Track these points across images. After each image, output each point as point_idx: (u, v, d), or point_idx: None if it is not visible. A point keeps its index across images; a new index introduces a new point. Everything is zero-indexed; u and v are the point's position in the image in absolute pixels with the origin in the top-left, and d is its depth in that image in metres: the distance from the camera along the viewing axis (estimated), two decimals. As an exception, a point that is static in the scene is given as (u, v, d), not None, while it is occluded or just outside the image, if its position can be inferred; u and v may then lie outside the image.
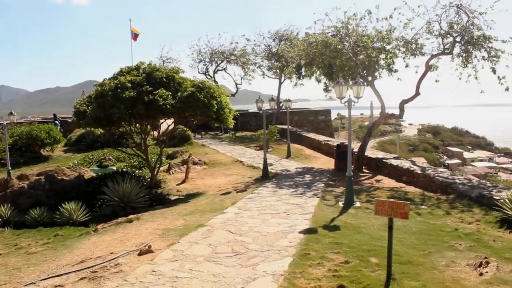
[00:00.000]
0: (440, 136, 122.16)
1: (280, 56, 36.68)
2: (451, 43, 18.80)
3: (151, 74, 17.32)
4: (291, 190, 15.72)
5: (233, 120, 18.97)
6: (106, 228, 12.16)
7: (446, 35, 18.76)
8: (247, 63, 43.29)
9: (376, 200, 7.26)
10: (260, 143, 29.52)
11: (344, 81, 14.09)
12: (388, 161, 20.24)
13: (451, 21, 18.46)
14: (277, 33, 40.87)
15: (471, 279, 7.25)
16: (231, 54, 43.41)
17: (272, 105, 26.84)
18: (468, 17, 18.08)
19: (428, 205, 13.58)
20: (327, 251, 8.40)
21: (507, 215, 11.24)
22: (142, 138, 19.01)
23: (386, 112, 21.25)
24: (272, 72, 42.49)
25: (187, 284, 6.93)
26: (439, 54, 19.33)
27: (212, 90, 17.51)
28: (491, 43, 17.77)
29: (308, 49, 20.54)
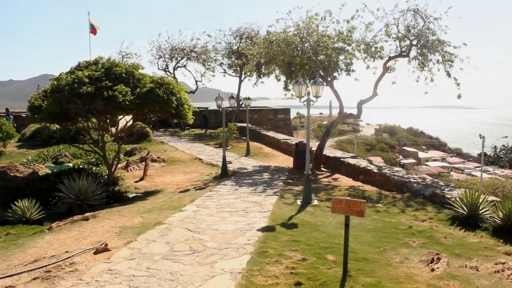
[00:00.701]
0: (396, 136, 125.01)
1: (241, 54, 36.68)
2: (407, 46, 19.29)
3: (110, 69, 17.01)
4: (250, 188, 15.76)
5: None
6: (61, 226, 11.87)
7: (403, 38, 19.22)
8: (208, 60, 43.08)
9: (333, 198, 7.37)
10: (219, 141, 29.45)
11: (303, 80, 14.22)
12: (346, 160, 20.57)
13: (408, 25, 18.92)
14: (238, 31, 40.81)
15: (424, 275, 7.48)
16: (191, 51, 43.09)
17: (232, 103, 26.81)
18: (424, 21, 18.60)
19: (384, 203, 13.89)
20: (285, 248, 8.48)
21: (458, 213, 11.63)
22: (99, 134, 18.66)
23: (344, 112, 21.58)
24: (233, 70, 42.43)
25: (144, 282, 6.86)
26: (396, 57, 19.79)
27: (172, 86, 17.36)
28: (445, 47, 18.35)
29: (269, 48, 20.61)
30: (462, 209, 11.59)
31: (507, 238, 10.19)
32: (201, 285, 6.77)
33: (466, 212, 11.46)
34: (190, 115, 18.48)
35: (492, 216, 11.12)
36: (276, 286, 6.73)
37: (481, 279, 7.36)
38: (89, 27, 40.94)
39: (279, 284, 6.79)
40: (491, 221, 11.03)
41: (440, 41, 18.38)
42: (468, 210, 11.46)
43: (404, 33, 19.07)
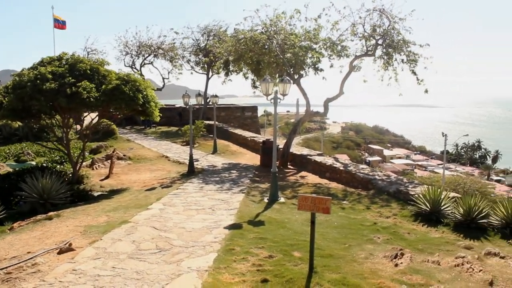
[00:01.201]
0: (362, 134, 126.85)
1: (208, 51, 36.54)
2: (373, 46, 19.60)
3: (74, 65, 16.71)
4: (217, 185, 15.75)
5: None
6: (23, 226, 11.59)
7: (369, 37, 19.52)
8: (175, 57, 42.76)
9: (299, 195, 7.44)
10: (186, 138, 29.28)
11: (271, 78, 14.28)
12: (312, 157, 20.74)
13: (374, 25, 19.23)
14: (206, 28, 40.62)
15: (388, 270, 7.64)
16: (158, 48, 42.69)
17: (199, 101, 26.66)
18: (390, 21, 18.93)
19: (349, 200, 14.08)
20: (251, 246, 8.52)
21: (421, 209, 11.91)
22: (64, 132, 18.31)
23: (311, 110, 21.76)
24: (200, 67, 42.24)
25: (110, 282, 6.78)
26: (362, 56, 20.08)
27: (138, 83, 17.17)
28: (409, 47, 18.75)
29: (236, 45, 20.60)
30: (425, 205, 11.86)
31: (467, 233, 10.51)
32: (168, 283, 6.74)
33: (429, 208, 11.74)
34: (157, 112, 18.32)
35: (453, 212, 11.43)
36: (243, 283, 6.75)
37: (442, 273, 7.57)
38: (53, 22, 39.99)
39: (245, 281, 6.82)
40: (452, 217, 11.33)
41: (405, 41, 18.76)
42: (430, 206, 11.74)
43: (370, 32, 19.37)
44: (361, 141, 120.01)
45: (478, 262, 7.98)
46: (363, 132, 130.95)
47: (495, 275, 7.52)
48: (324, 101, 21.43)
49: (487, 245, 9.59)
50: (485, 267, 7.85)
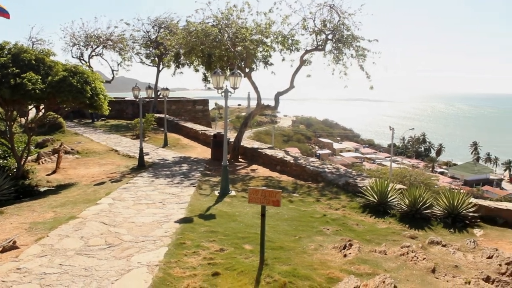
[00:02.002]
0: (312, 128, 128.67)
1: (159, 44, 36.00)
2: (323, 40, 19.89)
3: (18, 55, 16.06)
4: (167, 179, 15.61)
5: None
6: (-36, 223, 11.14)
7: (319, 32, 19.78)
8: (125, 49, 41.85)
9: (250, 188, 7.49)
10: (136, 132, 28.84)
11: (222, 72, 14.26)
12: (263, 151, 20.86)
13: (324, 20, 19.51)
14: (156, 20, 39.93)
15: (337, 261, 7.82)
16: (108, 39, 41.61)
17: (149, 93, 26.29)
18: (340, 17, 19.27)
19: (299, 193, 14.27)
20: (202, 239, 8.52)
21: (369, 201, 12.24)
22: (7, 125, 17.60)
23: (262, 103, 21.85)
24: (151, 59, 41.56)
25: (57, 280, 6.62)
26: (312, 50, 20.34)
27: (86, 75, 16.71)
28: (358, 42, 19.16)
29: (187, 38, 20.39)
30: (373, 197, 12.20)
31: (412, 223, 10.90)
32: (117, 279, 6.65)
33: (376, 200, 12.08)
34: (106, 105, 17.91)
35: (400, 203, 11.82)
36: (194, 277, 6.75)
37: (388, 262, 7.82)
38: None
39: (197, 275, 6.82)
40: (398, 208, 11.71)
41: (354, 36, 19.16)
42: (378, 198, 12.08)
43: (320, 27, 19.63)
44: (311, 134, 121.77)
45: (422, 251, 8.29)
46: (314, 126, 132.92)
47: (437, 262, 7.85)
48: (275, 94, 21.58)
49: (431, 234, 9.98)
50: (428, 255, 8.17)
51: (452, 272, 7.54)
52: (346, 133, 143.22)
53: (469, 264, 8.06)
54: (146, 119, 28.59)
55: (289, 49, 20.10)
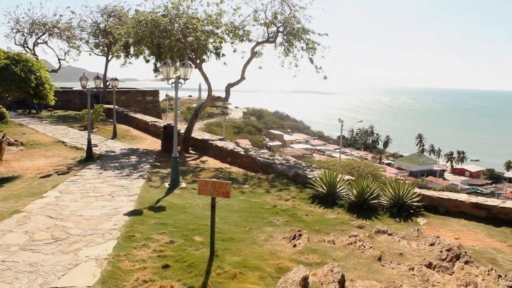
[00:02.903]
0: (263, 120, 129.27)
1: (108, 33, 35.12)
2: (274, 32, 20.03)
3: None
4: (116, 171, 15.34)
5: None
6: None
7: (270, 24, 19.90)
8: (72, 37, 40.54)
9: (199, 180, 7.47)
10: (84, 123, 28.13)
11: (172, 62, 14.09)
12: (214, 142, 20.84)
13: (276, 12, 19.65)
14: (106, 8, 38.91)
15: (286, 251, 7.94)
16: (54, 27, 40.14)
17: (97, 84, 25.65)
18: (291, 10, 19.46)
19: (250, 184, 14.36)
20: (152, 232, 8.44)
21: (318, 191, 12.47)
22: None
23: (213, 95, 21.79)
24: (100, 49, 40.48)
25: (-1, 276, 6.41)
26: (263, 42, 20.43)
27: (31, 64, 16.15)
28: (309, 35, 19.39)
29: (137, 27, 19.99)
30: (322, 188, 12.43)
31: (360, 213, 11.21)
32: (64, 274, 6.51)
33: (326, 191, 12.32)
34: (52, 95, 17.37)
35: (348, 194, 12.11)
36: (143, 270, 6.69)
37: (337, 251, 8.01)
38: None
39: (146, 268, 6.76)
40: (346, 198, 12.00)
41: (305, 29, 19.39)
42: (327, 189, 12.33)
43: (272, 19, 19.74)
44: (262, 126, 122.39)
45: (369, 240, 8.53)
46: (265, 118, 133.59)
47: (383, 250, 8.10)
48: (226, 86, 21.57)
49: (377, 224, 10.29)
50: (375, 244, 8.42)
51: (397, 260, 7.81)
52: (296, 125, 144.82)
53: (413, 251, 8.36)
54: (95, 110, 27.92)
55: (240, 40, 20.11)
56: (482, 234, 10.24)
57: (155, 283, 6.26)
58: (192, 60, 19.34)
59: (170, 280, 6.38)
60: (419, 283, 6.88)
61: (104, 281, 6.33)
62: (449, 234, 10.15)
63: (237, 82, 21.32)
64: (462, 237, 9.97)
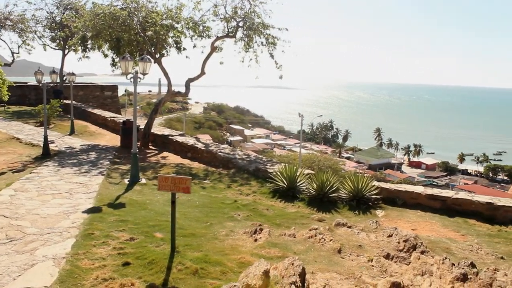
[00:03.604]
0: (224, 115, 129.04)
1: (64, 26, 34.21)
2: (234, 27, 19.97)
3: None
4: (74, 168, 15.03)
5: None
6: None
7: (230, 19, 19.83)
8: (26, 30, 39.28)
9: (159, 176, 7.42)
10: (40, 118, 27.37)
11: (130, 57, 13.89)
12: (174, 138, 20.68)
13: (236, 7, 19.59)
14: (62, 0, 37.88)
15: (247, 245, 7.99)
16: (6, 19, 38.83)
17: (53, 78, 24.99)
18: (251, 4, 19.44)
19: (211, 179, 14.34)
20: (112, 229, 8.33)
21: (278, 186, 12.57)
22: None
23: (173, 90, 21.60)
24: (56, 43, 39.38)
25: (-49, 277, 6.20)
26: (223, 37, 20.35)
27: (-18, 59, 15.62)
28: (269, 30, 19.44)
29: (95, 21, 19.56)
30: (282, 182, 12.54)
31: (320, 206, 11.38)
32: (20, 275, 6.35)
33: (286, 185, 12.44)
34: (5, 90, 16.87)
35: (308, 187, 12.27)
36: (103, 268, 6.60)
37: (297, 245, 8.11)
38: None
39: (106, 266, 6.67)
40: (307, 192, 12.15)
41: (265, 24, 19.41)
42: (287, 183, 12.44)
43: (232, 14, 19.68)
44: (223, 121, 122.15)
45: (329, 233, 8.68)
46: (225, 113, 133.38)
47: (343, 243, 8.26)
48: (186, 81, 21.42)
49: (337, 217, 10.48)
50: (335, 236, 8.58)
51: (356, 252, 7.98)
52: (257, 120, 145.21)
53: (372, 243, 8.56)
54: (51, 105, 27.21)
55: (200, 35, 19.99)
56: (437, 225, 10.57)
57: (115, 281, 6.18)
58: (152, 55, 19.11)
59: (131, 277, 6.32)
60: (378, 274, 7.05)
61: (62, 280, 6.21)
62: (406, 225, 10.43)
63: (197, 77, 21.20)
64: (419, 228, 10.27)
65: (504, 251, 9.01)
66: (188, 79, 21.36)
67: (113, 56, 22.25)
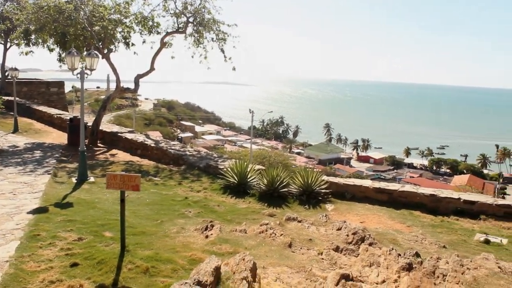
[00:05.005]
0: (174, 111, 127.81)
1: (6, 18, 32.91)
2: (184, 23, 19.82)
3: None
4: (18, 167, 14.51)
5: None
6: None
7: (180, 14, 19.66)
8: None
9: (107, 174, 7.29)
10: (-20, 116, 26.30)
11: (77, 52, 13.53)
12: (123, 135, 20.35)
13: (186, 2, 19.43)
14: (2, -8, 36.39)
15: (199, 242, 7.98)
16: None
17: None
18: (201, 0, 19.30)
19: (161, 176, 14.21)
20: (59, 230, 8.11)
21: (229, 182, 12.62)
22: None
23: (121, 86, 21.21)
24: (-3, 37, 37.82)
25: None
26: (173, 32, 20.16)
27: None
28: (219, 26, 19.40)
29: (38, 14, 18.89)
30: (233, 178, 12.59)
31: (271, 201, 11.52)
32: (-43, 281, 6.09)
33: (237, 181, 12.49)
34: None
35: (259, 183, 12.38)
36: (50, 270, 6.42)
37: (249, 240, 8.17)
38: None
39: (53, 267, 6.50)
40: (257, 188, 12.27)
41: (215, 20, 19.36)
42: (238, 179, 12.50)
43: (182, 9, 19.52)
44: (173, 117, 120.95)
45: (280, 227, 8.79)
46: (175, 109, 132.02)
47: (294, 237, 8.39)
48: (135, 77, 21.08)
49: (288, 211, 10.62)
50: (286, 231, 8.69)
51: (306, 245, 8.12)
52: (208, 116, 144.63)
53: (322, 236, 8.73)
54: (-8, 102, 26.17)
55: (150, 31, 19.73)
56: (385, 217, 10.91)
57: (63, 283, 6.03)
58: (99, 50, 18.66)
59: (79, 278, 6.18)
60: (328, 266, 7.20)
61: (6, 285, 5.98)
62: (355, 218, 10.69)
63: (147, 73, 20.90)
64: (367, 221, 10.55)
65: (446, 240, 9.42)
66: (137, 75, 21.04)
67: (59, 51, 21.61)
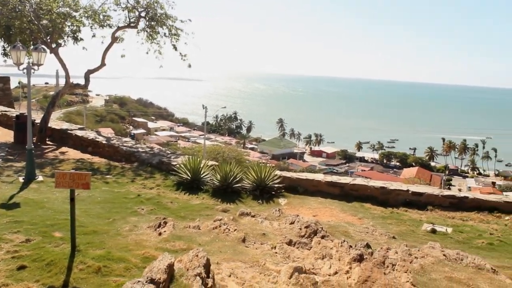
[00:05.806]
0: (126, 107, 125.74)
1: None
2: (136, 18, 19.49)
3: None
4: (-40, 168, 13.94)
5: None
6: None
7: (132, 9, 19.32)
8: None
9: (56, 172, 7.11)
10: None
11: (23, 46, 13.10)
12: (73, 132, 19.84)
13: (138, -4, 19.11)
14: None
15: (152, 240, 7.91)
16: None
17: None
18: (153, -6, 19.05)
19: (113, 174, 13.98)
20: (5, 231, 7.83)
21: (182, 178, 12.57)
22: None
23: (71, 82, 20.69)
24: None
25: None
26: (125, 27, 19.80)
27: None
28: (172, 22, 19.20)
29: (-19, 6, 18.19)
30: (186, 174, 12.55)
31: (224, 197, 11.57)
32: None
33: (190, 177, 12.46)
34: None
35: (212, 179, 12.40)
36: (-6, 274, 6.19)
37: (202, 236, 8.17)
38: None
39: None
40: (211, 184, 12.29)
41: (168, 15, 19.14)
42: (191, 175, 12.46)
43: (133, 4, 19.20)
44: (125, 114, 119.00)
45: (233, 223, 8.82)
46: (127, 105, 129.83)
47: (247, 232, 8.44)
48: (85, 72, 20.60)
49: (241, 207, 10.68)
50: (239, 226, 8.74)
51: (260, 240, 8.18)
52: (160, 112, 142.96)
53: (275, 231, 8.82)
54: None
55: (100, 25, 19.29)
56: (337, 210, 11.14)
57: (10, 287, 5.84)
58: (47, 44, 18.11)
59: (27, 281, 5.99)
60: (281, 260, 7.28)
61: None
62: (307, 212, 10.86)
63: (98, 69, 20.47)
64: (319, 214, 10.74)
65: (396, 231, 9.72)
66: (87, 71, 20.56)
67: (4, 44, 20.85)
